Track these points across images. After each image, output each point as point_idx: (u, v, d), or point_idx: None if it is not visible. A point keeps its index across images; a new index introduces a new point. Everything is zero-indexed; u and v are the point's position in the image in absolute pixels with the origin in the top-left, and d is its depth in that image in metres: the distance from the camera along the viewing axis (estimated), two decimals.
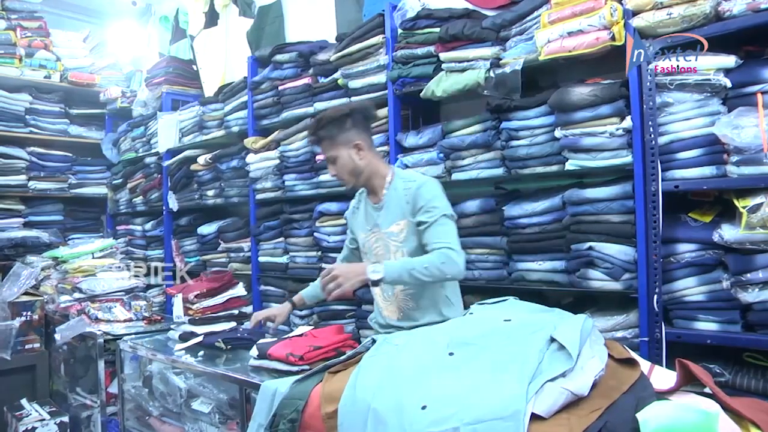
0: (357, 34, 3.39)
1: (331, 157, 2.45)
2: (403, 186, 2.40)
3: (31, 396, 3.73)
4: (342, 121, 2.42)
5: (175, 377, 2.74)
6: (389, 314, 2.51)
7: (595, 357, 1.51)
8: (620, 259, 2.45)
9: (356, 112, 2.46)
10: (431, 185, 2.37)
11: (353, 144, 2.42)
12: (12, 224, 5.51)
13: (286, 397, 1.78)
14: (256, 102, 4.09)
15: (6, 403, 3.61)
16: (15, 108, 5.51)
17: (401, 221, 2.40)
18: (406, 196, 2.37)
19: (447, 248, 2.23)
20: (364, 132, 2.47)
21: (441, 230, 2.29)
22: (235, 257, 4.40)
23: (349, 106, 2.55)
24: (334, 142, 2.43)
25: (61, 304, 3.83)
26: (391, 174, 2.48)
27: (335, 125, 2.42)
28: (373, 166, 2.47)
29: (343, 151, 2.42)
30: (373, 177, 2.47)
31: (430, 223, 2.30)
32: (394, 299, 2.47)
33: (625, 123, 2.39)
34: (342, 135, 2.42)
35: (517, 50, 2.74)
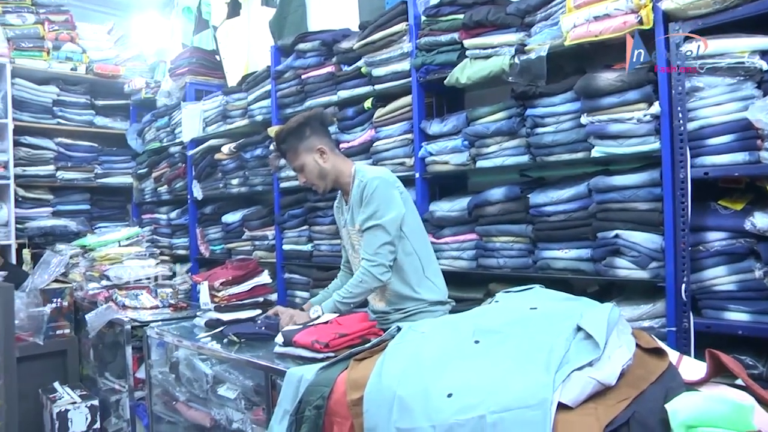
0: (380, 22, 3.36)
1: (298, 166, 2.59)
2: (357, 184, 2.51)
3: (63, 380, 3.80)
4: (300, 130, 2.55)
5: (201, 363, 2.75)
6: (376, 302, 2.63)
7: (622, 346, 1.49)
8: (647, 247, 2.41)
9: (312, 119, 2.59)
10: (372, 185, 2.46)
11: (316, 149, 2.56)
12: (41, 213, 5.61)
13: (311, 383, 1.78)
14: (279, 91, 4.08)
15: (40, 385, 3.69)
16: (43, 100, 5.59)
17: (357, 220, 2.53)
18: (359, 194, 2.48)
19: (365, 261, 2.44)
20: (324, 137, 2.60)
21: (366, 240, 2.47)
22: (259, 245, 4.42)
23: (303, 115, 2.65)
24: (297, 152, 2.57)
25: (89, 291, 3.88)
26: (353, 171, 2.56)
27: (294, 136, 2.56)
28: (338, 166, 2.59)
29: (308, 157, 2.56)
30: (340, 177, 2.59)
31: (361, 231, 2.49)
32: (378, 290, 2.57)
33: (653, 109, 2.34)
34: (303, 143, 2.56)
35: (542, 36, 2.70)
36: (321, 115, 2.67)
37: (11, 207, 5.26)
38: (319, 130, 2.59)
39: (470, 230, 3.05)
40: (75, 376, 3.89)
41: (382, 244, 2.42)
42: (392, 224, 2.43)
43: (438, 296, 2.57)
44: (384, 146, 3.42)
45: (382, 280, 2.44)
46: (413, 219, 2.57)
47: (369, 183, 2.45)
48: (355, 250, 2.62)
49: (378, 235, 2.43)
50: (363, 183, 2.47)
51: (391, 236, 2.43)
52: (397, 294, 2.54)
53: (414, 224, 2.56)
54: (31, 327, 3.65)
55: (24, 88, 5.44)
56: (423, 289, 2.54)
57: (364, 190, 2.46)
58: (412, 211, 2.56)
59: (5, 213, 5.24)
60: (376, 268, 2.42)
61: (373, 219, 2.43)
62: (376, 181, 2.45)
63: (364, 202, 2.46)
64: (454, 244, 3.11)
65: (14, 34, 5.40)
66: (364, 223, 2.46)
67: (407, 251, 2.51)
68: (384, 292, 2.58)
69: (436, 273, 2.62)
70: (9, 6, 5.51)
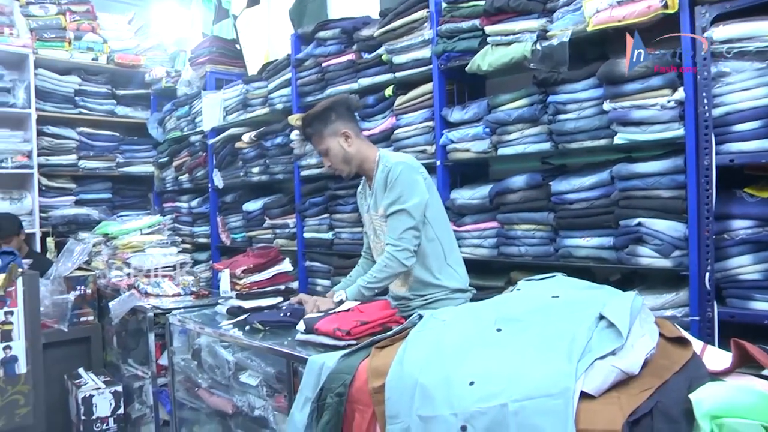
0: (400, 9, 3.35)
1: (323, 150, 2.61)
2: (382, 169, 2.50)
3: (87, 366, 3.85)
4: (326, 115, 2.56)
5: (223, 350, 2.77)
6: (397, 288, 2.63)
7: (645, 335, 1.47)
8: (670, 235, 2.39)
9: (338, 104, 2.61)
10: (396, 170, 2.45)
11: (341, 133, 2.56)
12: (64, 202, 5.70)
13: (333, 371, 1.78)
14: (299, 79, 4.08)
15: (65, 371, 3.74)
16: (65, 90, 5.67)
17: (381, 206, 2.53)
18: (383, 179, 2.48)
19: (390, 245, 2.44)
20: (349, 121, 2.60)
21: (390, 225, 2.47)
22: (280, 233, 4.44)
23: (329, 99, 2.68)
24: (322, 136, 2.58)
25: (112, 278, 3.92)
26: (378, 157, 2.57)
27: (320, 120, 2.57)
28: (362, 151, 2.59)
29: (332, 142, 2.57)
30: (364, 162, 2.59)
31: (385, 216, 2.49)
32: (401, 276, 2.56)
33: (678, 95, 2.32)
34: (328, 127, 2.56)
35: (565, 21, 2.67)
36: (347, 100, 2.67)
37: (35, 196, 5.36)
38: (345, 115, 2.59)
39: (491, 218, 3.04)
40: (99, 362, 3.94)
41: (407, 229, 2.42)
42: (416, 209, 2.42)
43: (459, 284, 2.56)
44: (405, 134, 3.41)
45: (406, 265, 2.44)
46: (436, 206, 2.56)
47: (393, 168, 2.45)
48: (378, 236, 2.62)
49: (402, 219, 2.43)
50: (387, 168, 2.47)
51: (416, 221, 2.42)
52: (418, 280, 2.54)
53: (437, 211, 2.55)
54: (55, 314, 3.70)
55: (46, 78, 5.51)
56: (444, 276, 2.53)
57: (388, 175, 2.45)
58: (435, 198, 2.56)
59: (29, 202, 5.34)
60: (401, 253, 2.41)
61: (397, 204, 2.43)
62: (400, 167, 2.45)
63: (388, 187, 2.46)
64: (475, 232, 3.10)
65: (37, 25, 5.48)
66: (388, 208, 2.46)
67: (430, 237, 2.50)
68: (406, 278, 2.57)
69: (457, 260, 2.61)
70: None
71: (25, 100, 5.28)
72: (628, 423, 1.23)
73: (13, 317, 3.04)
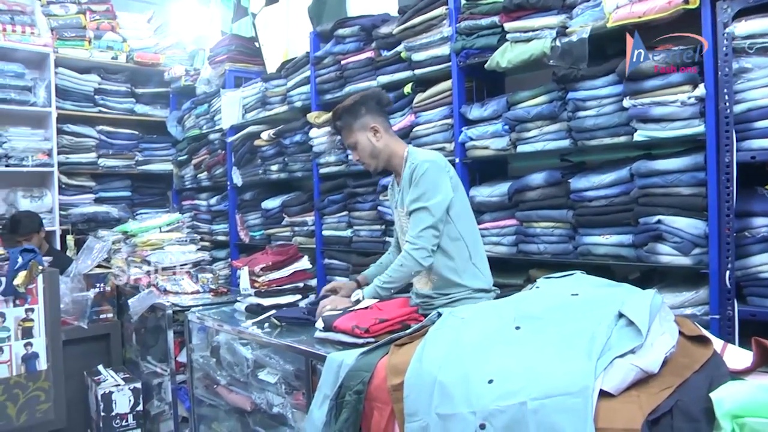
0: (419, 6, 3.35)
1: (351, 143, 2.61)
2: (408, 165, 2.50)
3: (107, 363, 3.89)
4: (356, 108, 2.57)
5: (241, 348, 2.80)
6: (421, 286, 2.62)
7: (665, 333, 1.47)
8: (690, 233, 2.38)
9: (368, 98, 2.61)
10: (422, 167, 2.44)
11: (370, 127, 2.56)
12: (84, 200, 5.77)
13: (352, 368, 1.80)
14: (318, 77, 4.10)
15: (84, 368, 3.79)
16: (85, 88, 5.73)
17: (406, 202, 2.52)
18: (409, 176, 2.48)
19: (408, 244, 2.44)
20: (379, 116, 2.60)
21: (411, 223, 2.46)
22: (299, 231, 4.46)
23: (361, 94, 2.68)
24: (351, 129, 2.58)
25: (131, 276, 3.96)
26: (406, 153, 2.57)
27: (350, 114, 2.58)
28: (391, 147, 2.59)
29: (361, 136, 2.57)
30: (392, 157, 2.60)
31: (408, 213, 2.49)
32: (424, 273, 2.56)
33: (698, 91, 2.30)
34: (358, 121, 2.57)
35: (584, 18, 2.66)
36: (378, 95, 2.66)
37: (55, 194, 5.43)
38: (375, 110, 2.59)
39: (510, 215, 3.04)
40: (118, 359, 3.98)
41: (426, 228, 2.41)
42: (438, 208, 2.41)
43: (483, 284, 2.54)
44: (424, 131, 3.42)
45: (423, 265, 2.43)
46: (462, 205, 2.55)
47: (419, 165, 2.44)
48: (404, 233, 2.61)
49: (423, 217, 2.42)
50: (414, 165, 2.46)
51: (436, 219, 2.41)
52: (442, 278, 2.52)
53: (463, 210, 2.54)
54: (75, 311, 3.74)
55: (66, 77, 5.57)
56: (468, 276, 2.51)
57: (414, 172, 2.45)
58: (461, 197, 2.54)
59: (49, 200, 5.40)
60: (418, 252, 2.40)
61: (419, 201, 2.42)
62: (426, 164, 2.44)
63: (413, 184, 2.45)
64: (494, 229, 3.10)
65: (57, 24, 5.54)
66: (410, 205, 2.45)
67: (453, 236, 2.49)
68: (429, 276, 2.56)
69: (482, 260, 2.59)
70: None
71: (45, 98, 5.34)
72: (647, 422, 1.23)
73: (33, 314, 3.10)
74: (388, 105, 2.73)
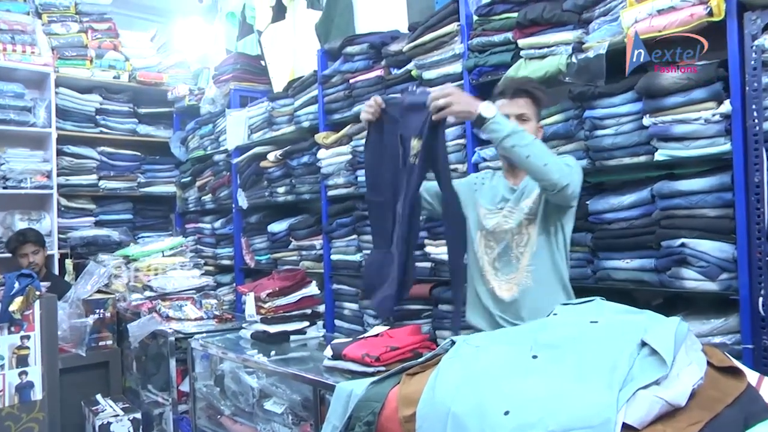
0: (430, 23, 3.36)
1: (526, 115, 2.43)
2: None
3: (105, 392, 3.88)
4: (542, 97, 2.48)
5: (247, 376, 2.79)
6: (503, 292, 2.44)
7: (692, 364, 1.45)
8: (716, 256, 2.35)
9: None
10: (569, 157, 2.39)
11: (538, 121, 2.51)
12: (84, 223, 5.80)
13: (362, 399, 1.78)
14: (326, 96, 4.11)
15: (83, 397, 3.78)
16: (86, 109, 5.79)
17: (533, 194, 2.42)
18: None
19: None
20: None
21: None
22: (306, 255, 4.45)
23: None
24: (534, 108, 2.46)
25: (132, 302, 3.97)
26: None
27: (541, 98, 2.48)
28: None
29: (534, 123, 2.46)
30: None
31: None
32: (516, 273, 2.42)
33: (723, 108, 2.28)
34: (539, 109, 2.50)
35: (601, 33, 2.65)
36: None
37: (54, 217, 5.45)
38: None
39: None
40: (117, 388, 3.97)
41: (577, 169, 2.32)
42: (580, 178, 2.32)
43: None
44: None
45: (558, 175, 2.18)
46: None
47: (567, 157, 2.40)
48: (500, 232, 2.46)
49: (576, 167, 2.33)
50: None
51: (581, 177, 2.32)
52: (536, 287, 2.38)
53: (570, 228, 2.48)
54: (73, 338, 3.75)
55: (67, 96, 5.63)
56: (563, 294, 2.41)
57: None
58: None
59: (48, 223, 5.42)
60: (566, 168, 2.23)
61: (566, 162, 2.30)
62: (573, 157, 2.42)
63: None
64: None
65: (58, 43, 5.62)
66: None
67: (559, 247, 2.42)
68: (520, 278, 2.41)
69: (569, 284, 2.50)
70: (54, 15, 5.72)
71: (45, 119, 5.38)
72: None
73: (29, 342, 3.09)
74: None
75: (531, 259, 2.39)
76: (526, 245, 2.39)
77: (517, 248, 2.41)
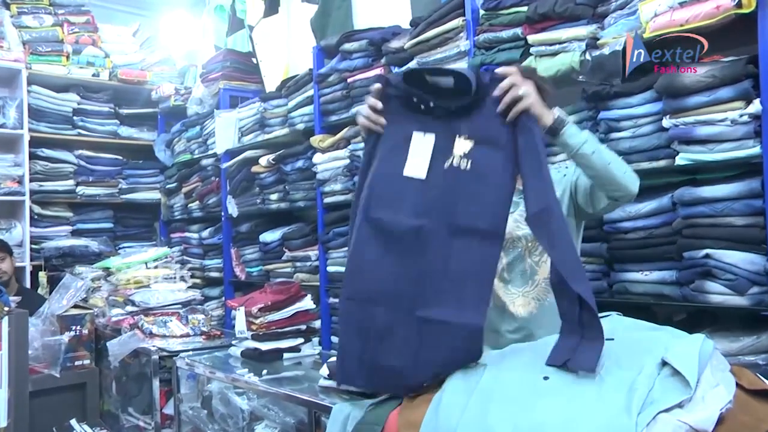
0: (434, 18, 3.37)
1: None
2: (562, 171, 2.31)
3: (81, 416, 3.85)
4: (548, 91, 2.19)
5: (236, 398, 2.78)
6: (518, 308, 2.30)
7: (719, 386, 1.44)
8: (745, 269, 2.34)
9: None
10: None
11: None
12: (59, 232, 5.76)
13: (360, 422, 1.78)
14: (322, 96, 4.12)
15: (54, 423, 3.74)
16: (62, 109, 5.76)
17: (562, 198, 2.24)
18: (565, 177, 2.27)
19: None
20: None
21: None
22: (301, 267, 4.45)
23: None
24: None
25: (112, 317, 3.96)
26: None
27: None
28: None
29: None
30: None
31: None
32: (533, 286, 2.29)
33: (753, 108, 2.27)
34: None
35: (618, 28, 2.66)
36: None
37: (26, 226, 5.41)
38: None
39: None
40: (95, 411, 3.94)
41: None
42: None
43: None
44: None
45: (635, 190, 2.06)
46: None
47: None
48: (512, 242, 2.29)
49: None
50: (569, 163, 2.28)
51: None
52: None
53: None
54: (46, 357, 3.70)
55: (41, 96, 5.60)
56: None
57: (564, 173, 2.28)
58: None
59: (19, 232, 5.39)
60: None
61: None
62: None
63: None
64: None
65: (30, 37, 5.57)
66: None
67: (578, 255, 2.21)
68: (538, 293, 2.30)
69: None
70: (25, 6, 5.70)
71: (16, 119, 5.35)
72: None
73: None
74: None
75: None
76: (543, 254, 2.25)
77: (531, 257, 2.29)
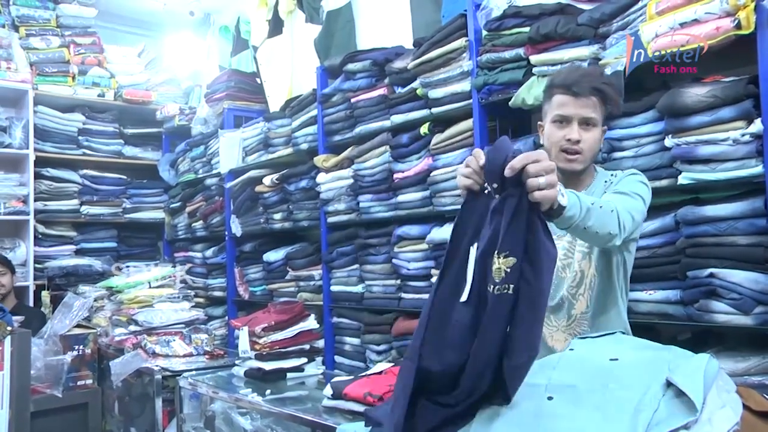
0: (436, 38, 3.39)
1: (594, 119, 2.08)
2: (605, 178, 2.18)
3: None
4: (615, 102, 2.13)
5: (240, 418, 2.77)
6: (556, 343, 2.19)
7: (725, 407, 1.43)
8: (750, 288, 2.32)
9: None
10: (642, 176, 2.12)
11: (603, 125, 2.15)
12: (63, 252, 5.76)
13: None
14: (326, 116, 4.14)
15: None
16: (68, 129, 5.79)
17: None
18: (608, 185, 2.14)
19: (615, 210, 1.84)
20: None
21: (622, 198, 1.95)
22: (304, 286, 4.45)
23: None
24: (603, 110, 2.11)
25: (115, 337, 3.94)
26: (595, 169, 2.24)
27: (615, 99, 2.13)
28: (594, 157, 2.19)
29: (600, 129, 2.12)
30: (589, 167, 2.18)
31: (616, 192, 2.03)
32: (570, 320, 2.17)
33: (754, 127, 2.27)
34: (607, 111, 2.13)
35: (619, 48, 2.67)
36: None
37: (30, 245, 5.40)
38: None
39: None
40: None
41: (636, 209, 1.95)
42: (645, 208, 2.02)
43: None
44: (443, 176, 3.42)
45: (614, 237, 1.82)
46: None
47: (638, 173, 2.13)
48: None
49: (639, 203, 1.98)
50: (625, 173, 2.14)
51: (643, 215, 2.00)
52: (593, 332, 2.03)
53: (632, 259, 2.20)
54: (48, 377, 3.69)
55: (47, 116, 5.64)
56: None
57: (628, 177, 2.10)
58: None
59: (23, 251, 5.37)
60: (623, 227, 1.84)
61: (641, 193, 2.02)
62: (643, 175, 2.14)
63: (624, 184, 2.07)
64: None
65: (38, 59, 5.62)
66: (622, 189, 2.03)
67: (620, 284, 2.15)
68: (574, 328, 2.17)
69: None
70: (33, 29, 5.74)
71: (22, 139, 5.37)
72: None
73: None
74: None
75: (590, 304, 2.12)
76: (579, 286, 2.12)
77: (568, 290, 2.14)
